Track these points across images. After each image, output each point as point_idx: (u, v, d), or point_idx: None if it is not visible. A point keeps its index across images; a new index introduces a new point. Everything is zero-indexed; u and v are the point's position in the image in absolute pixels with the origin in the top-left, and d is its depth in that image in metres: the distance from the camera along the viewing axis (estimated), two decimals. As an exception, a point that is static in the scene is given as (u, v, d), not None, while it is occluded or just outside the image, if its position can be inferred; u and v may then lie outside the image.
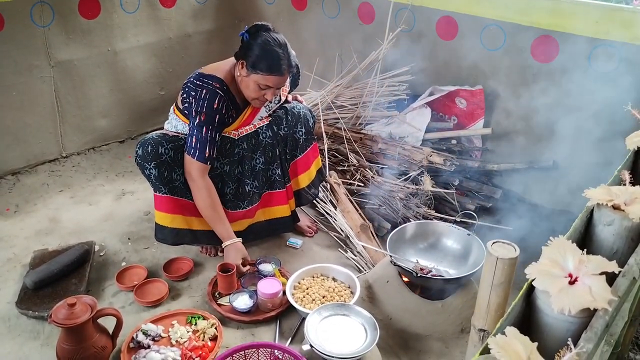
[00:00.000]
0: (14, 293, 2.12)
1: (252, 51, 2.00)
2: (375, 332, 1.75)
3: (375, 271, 2.17)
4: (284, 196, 2.39)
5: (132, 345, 1.85)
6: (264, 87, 2.04)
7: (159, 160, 2.09)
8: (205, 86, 2.05)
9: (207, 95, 2.03)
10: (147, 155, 2.08)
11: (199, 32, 3.58)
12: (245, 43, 2.04)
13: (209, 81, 2.06)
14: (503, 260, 1.17)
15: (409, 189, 2.61)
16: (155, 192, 2.15)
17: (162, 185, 2.12)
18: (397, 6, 2.95)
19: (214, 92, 2.04)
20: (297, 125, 2.33)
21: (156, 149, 2.08)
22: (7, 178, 2.93)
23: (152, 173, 2.10)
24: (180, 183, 2.15)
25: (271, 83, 2.03)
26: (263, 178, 2.32)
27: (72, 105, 3.08)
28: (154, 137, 2.12)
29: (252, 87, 2.05)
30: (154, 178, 2.11)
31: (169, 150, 2.11)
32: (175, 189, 2.15)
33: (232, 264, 2.14)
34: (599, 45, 2.36)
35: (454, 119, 2.98)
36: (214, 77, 2.07)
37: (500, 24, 2.63)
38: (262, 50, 1.99)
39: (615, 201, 1.10)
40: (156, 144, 2.09)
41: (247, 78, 2.04)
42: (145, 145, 2.09)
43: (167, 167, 2.11)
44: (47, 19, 2.82)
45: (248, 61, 2.01)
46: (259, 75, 2.01)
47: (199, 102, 2.04)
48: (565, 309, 0.84)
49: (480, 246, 2.04)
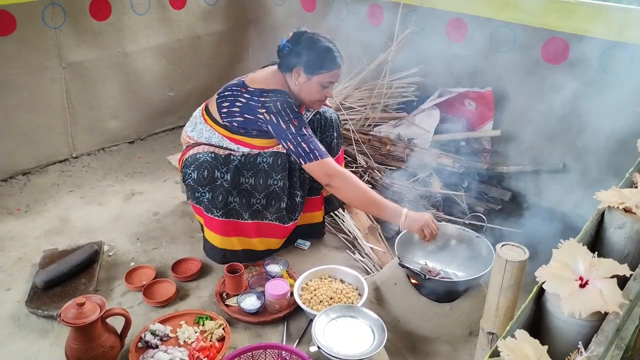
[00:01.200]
0: (24, 292, 2.13)
1: (306, 55, 2.01)
2: (383, 334, 1.74)
3: (383, 273, 2.17)
4: (320, 202, 2.40)
5: (140, 345, 1.86)
6: (327, 85, 2.05)
7: (214, 185, 2.08)
8: (276, 97, 2.02)
9: (284, 103, 2.01)
10: (202, 180, 2.07)
11: (208, 33, 3.60)
12: (290, 52, 2.04)
13: (276, 94, 2.04)
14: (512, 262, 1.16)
15: (418, 191, 2.60)
16: (207, 214, 2.14)
17: (214, 209, 2.12)
18: (406, 7, 2.94)
19: (286, 99, 2.03)
20: (330, 130, 2.33)
21: (212, 174, 2.07)
22: (18, 178, 2.95)
23: (205, 196, 2.09)
24: (236, 205, 2.14)
25: (334, 78, 2.05)
26: (306, 187, 2.31)
27: (82, 106, 3.11)
28: (208, 159, 2.07)
29: (315, 90, 2.05)
30: (207, 201, 2.10)
31: (224, 174, 2.09)
32: (229, 212, 2.14)
33: (240, 265, 2.14)
34: (609, 47, 2.34)
35: (463, 121, 2.96)
36: (277, 90, 2.05)
37: (510, 26, 2.62)
38: (314, 51, 2.01)
39: (627, 204, 1.09)
40: (212, 167, 2.06)
41: (309, 82, 2.04)
42: (201, 169, 2.06)
43: (223, 192, 2.09)
44: (59, 21, 2.85)
45: (305, 66, 2.01)
46: (321, 75, 2.02)
47: (282, 113, 2.00)
48: (575, 312, 0.84)
49: (489, 248, 2.02)
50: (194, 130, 2.23)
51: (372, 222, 2.49)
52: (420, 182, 2.68)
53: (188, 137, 2.26)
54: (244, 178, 2.13)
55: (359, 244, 2.44)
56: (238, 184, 2.12)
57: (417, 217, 2.02)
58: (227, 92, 2.13)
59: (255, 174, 2.14)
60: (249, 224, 2.20)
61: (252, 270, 2.28)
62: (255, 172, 2.14)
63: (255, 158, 2.13)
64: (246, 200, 2.16)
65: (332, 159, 2.04)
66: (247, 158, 2.13)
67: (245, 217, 2.18)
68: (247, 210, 2.17)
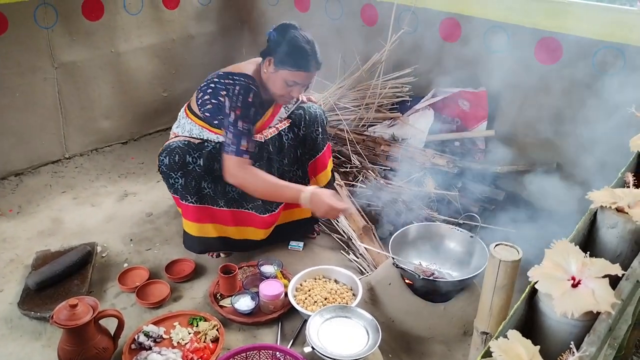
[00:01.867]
0: (16, 294, 2.12)
1: (281, 48, 2.01)
2: (377, 335, 1.74)
3: (377, 273, 2.17)
4: None
5: (134, 346, 1.85)
6: (291, 84, 2.04)
7: (185, 170, 2.07)
8: (238, 83, 2.03)
9: (241, 90, 2.01)
10: (173, 165, 2.06)
11: (202, 33, 3.59)
12: (272, 41, 2.04)
13: (240, 78, 2.05)
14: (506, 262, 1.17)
15: (412, 191, 2.60)
16: (182, 201, 2.13)
17: (189, 195, 2.11)
18: (400, 8, 2.95)
19: (247, 87, 2.03)
20: (314, 125, 2.32)
21: (183, 158, 2.06)
22: (10, 179, 2.94)
23: (177, 182, 2.09)
24: (210, 191, 2.13)
25: (298, 79, 2.04)
26: (287, 180, 2.30)
27: (75, 107, 3.09)
28: (180, 145, 2.09)
29: (279, 84, 2.05)
30: (181, 187, 2.09)
31: (197, 159, 2.08)
32: (203, 198, 2.14)
33: (234, 266, 2.13)
34: (602, 47, 2.35)
35: (457, 121, 2.97)
36: (243, 74, 2.06)
37: (503, 26, 2.63)
38: (290, 46, 2.00)
39: (619, 204, 1.09)
40: (183, 152, 2.07)
41: (275, 74, 2.04)
42: (172, 154, 2.06)
43: (195, 177, 2.09)
44: (51, 21, 2.83)
45: (276, 58, 2.02)
46: (287, 72, 2.01)
47: (233, 99, 2.01)
48: (568, 312, 0.84)
49: (483, 248, 2.03)
50: (179, 126, 2.24)
51: (367, 222, 2.49)
52: (414, 182, 2.68)
53: (173, 134, 2.27)
54: (217, 164, 2.11)
55: (353, 244, 2.44)
56: (211, 170, 2.11)
57: (318, 204, 2.02)
58: (203, 82, 2.14)
59: None
60: (224, 212, 2.19)
61: (246, 271, 2.27)
62: None
63: None
64: (221, 187, 2.15)
65: (240, 160, 2.01)
66: (222, 145, 2.11)
67: (221, 204, 2.17)
68: (222, 198, 2.17)
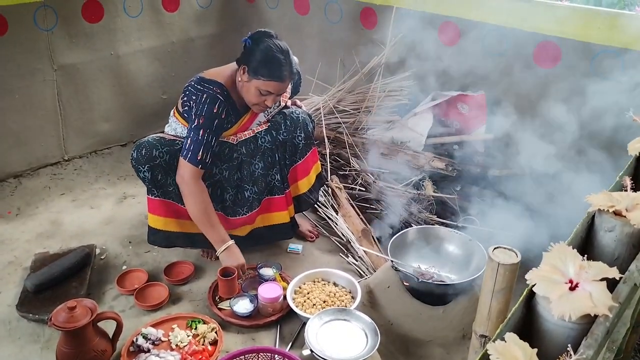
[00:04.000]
0: (15, 296, 2.11)
1: (254, 57, 2.01)
2: (376, 338, 1.74)
3: (376, 276, 2.17)
4: (284, 202, 2.36)
5: (132, 349, 1.85)
6: (264, 93, 2.05)
7: (152, 164, 2.08)
8: (206, 91, 2.05)
9: (207, 99, 2.04)
10: (141, 158, 2.08)
11: (201, 36, 3.59)
12: (247, 49, 2.05)
13: (210, 86, 2.07)
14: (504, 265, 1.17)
15: (411, 194, 2.60)
16: (148, 195, 2.15)
17: (154, 189, 2.13)
18: (399, 11, 2.95)
19: (214, 97, 2.04)
20: (297, 130, 2.31)
21: (150, 152, 2.08)
22: (9, 181, 2.94)
23: (145, 176, 2.10)
24: (174, 188, 2.14)
25: (272, 89, 2.04)
26: (262, 184, 2.30)
27: (74, 109, 3.09)
28: (150, 140, 2.12)
29: (252, 93, 2.05)
30: (148, 181, 2.11)
31: (164, 154, 2.10)
32: (168, 193, 2.15)
33: (233, 268, 2.13)
34: (601, 51, 2.35)
35: (456, 124, 2.97)
36: (214, 82, 2.08)
37: (502, 30, 2.63)
38: (264, 56, 2.00)
39: (617, 207, 1.09)
40: (151, 147, 2.09)
41: (248, 83, 2.05)
42: (140, 148, 2.09)
43: (162, 171, 2.11)
44: (51, 23, 2.84)
45: (250, 66, 2.02)
46: (260, 81, 2.02)
47: (199, 106, 2.04)
48: (565, 315, 0.84)
49: (482, 251, 2.03)
50: (170, 125, 2.25)
51: (366, 225, 2.49)
52: (414, 185, 2.68)
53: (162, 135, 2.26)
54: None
55: (352, 247, 2.44)
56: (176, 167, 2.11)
57: (232, 258, 2.14)
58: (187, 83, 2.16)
59: None
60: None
61: (245, 273, 2.27)
62: None
63: None
64: None
65: (195, 170, 2.04)
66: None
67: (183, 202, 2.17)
68: None
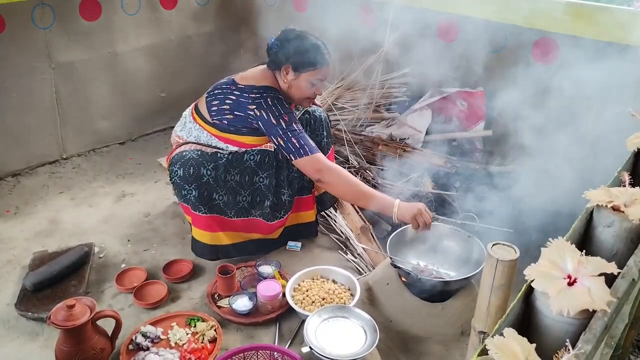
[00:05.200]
0: (14, 294, 2.11)
1: (293, 53, 2.02)
2: (375, 335, 1.74)
3: (375, 273, 2.17)
4: (311, 201, 2.40)
5: (131, 347, 1.84)
6: (316, 83, 2.06)
7: (199, 182, 2.07)
8: (267, 94, 2.04)
9: (275, 100, 2.03)
10: (188, 177, 2.05)
11: (199, 34, 3.59)
12: (279, 50, 2.05)
13: (267, 91, 2.06)
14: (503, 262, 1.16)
15: (410, 191, 2.60)
16: (194, 211, 2.13)
17: (201, 205, 2.11)
18: (397, 8, 2.95)
19: (277, 96, 2.05)
20: (320, 129, 2.34)
21: (198, 171, 2.05)
22: (8, 179, 2.93)
23: (191, 194, 2.08)
24: (220, 202, 2.13)
25: (322, 76, 2.06)
26: (296, 185, 2.31)
27: (72, 107, 3.09)
28: (194, 156, 2.07)
29: (304, 87, 2.06)
30: (194, 199, 2.08)
31: (211, 171, 2.08)
32: (214, 207, 2.14)
33: (232, 266, 2.13)
34: (600, 47, 2.35)
35: (454, 121, 2.97)
36: (266, 87, 2.07)
37: (501, 26, 2.63)
38: (303, 48, 2.02)
39: (615, 202, 1.09)
40: (198, 165, 2.06)
41: (297, 80, 2.05)
42: (187, 166, 2.05)
43: (208, 188, 2.09)
44: (48, 21, 2.83)
45: (293, 64, 2.02)
46: (309, 73, 2.03)
47: (273, 109, 2.02)
48: (564, 310, 0.84)
49: (481, 248, 2.03)
50: (183, 129, 2.23)
51: (364, 222, 2.49)
52: (412, 182, 2.68)
53: (177, 137, 2.26)
54: (230, 175, 2.13)
55: (351, 244, 2.44)
56: (225, 181, 2.12)
57: (409, 207, 2.04)
58: (216, 90, 2.14)
59: (242, 172, 2.15)
60: (234, 221, 2.20)
61: (244, 271, 2.27)
62: (242, 169, 2.14)
63: (242, 156, 2.14)
64: (232, 198, 2.16)
65: (322, 155, 2.06)
66: (234, 156, 2.13)
67: (231, 214, 2.18)
68: (232, 208, 2.17)
